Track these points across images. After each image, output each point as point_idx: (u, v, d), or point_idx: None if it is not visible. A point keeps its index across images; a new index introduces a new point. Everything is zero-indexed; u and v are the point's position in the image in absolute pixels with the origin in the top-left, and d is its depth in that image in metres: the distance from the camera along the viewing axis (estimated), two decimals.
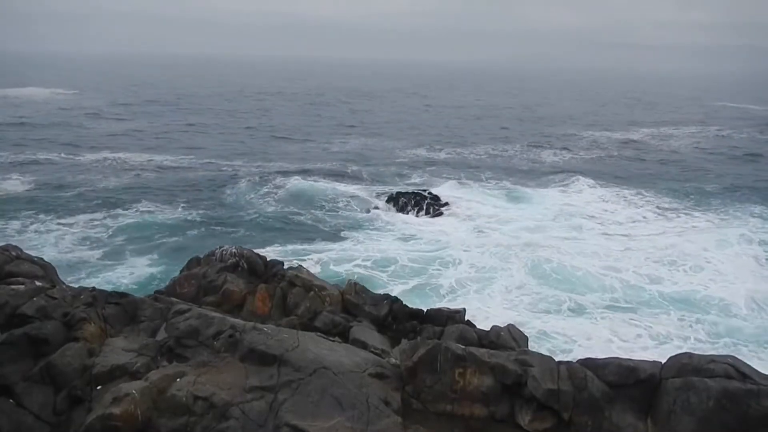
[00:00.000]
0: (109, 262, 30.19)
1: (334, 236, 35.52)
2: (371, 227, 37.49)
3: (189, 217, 38.38)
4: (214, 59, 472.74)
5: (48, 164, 53.00)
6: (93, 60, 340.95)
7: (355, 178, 51.66)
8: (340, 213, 40.96)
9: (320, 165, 56.86)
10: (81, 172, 50.24)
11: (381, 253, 31.88)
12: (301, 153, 63.83)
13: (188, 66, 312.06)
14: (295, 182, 48.56)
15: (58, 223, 35.81)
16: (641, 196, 47.05)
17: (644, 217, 41.17)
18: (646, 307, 26.20)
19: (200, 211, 39.58)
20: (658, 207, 43.86)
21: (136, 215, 38.07)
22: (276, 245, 33.09)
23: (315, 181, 49.49)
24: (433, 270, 29.88)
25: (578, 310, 25.66)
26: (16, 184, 45.11)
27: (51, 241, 32.80)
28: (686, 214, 42.20)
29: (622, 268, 30.13)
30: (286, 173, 51.94)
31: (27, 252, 16.28)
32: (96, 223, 36.44)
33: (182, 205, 41.18)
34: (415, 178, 52.41)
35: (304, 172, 52.59)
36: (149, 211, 38.97)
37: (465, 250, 32.65)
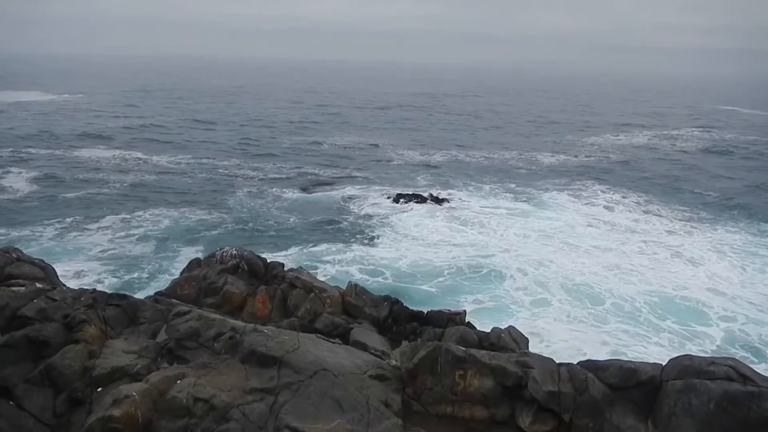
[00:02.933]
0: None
1: (351, 241, 35.03)
2: (383, 232, 37.03)
3: (214, 217, 38.82)
4: (215, 62, 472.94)
5: (56, 165, 53.78)
6: (97, 63, 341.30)
7: (358, 180, 51.66)
8: (351, 216, 40.55)
9: (327, 168, 56.92)
10: (102, 171, 51.24)
11: (402, 258, 31.74)
12: (308, 157, 63.61)
13: (190, 68, 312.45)
14: (300, 186, 48.63)
15: (92, 226, 36.28)
16: (665, 206, 45.49)
17: (674, 230, 39.43)
18: None
19: (222, 214, 39.66)
20: (681, 219, 42.06)
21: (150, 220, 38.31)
22: (283, 251, 32.99)
23: (324, 185, 49.47)
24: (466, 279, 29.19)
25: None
26: (21, 183, 46.19)
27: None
28: (711, 232, 39.53)
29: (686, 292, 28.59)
30: (288, 177, 52.04)
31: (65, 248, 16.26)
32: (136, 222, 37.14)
33: (203, 206, 41.47)
34: (418, 180, 52.42)
35: (309, 176, 52.56)
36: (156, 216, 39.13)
37: (505, 259, 31.75)
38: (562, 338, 23.54)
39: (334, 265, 30.80)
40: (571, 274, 30.27)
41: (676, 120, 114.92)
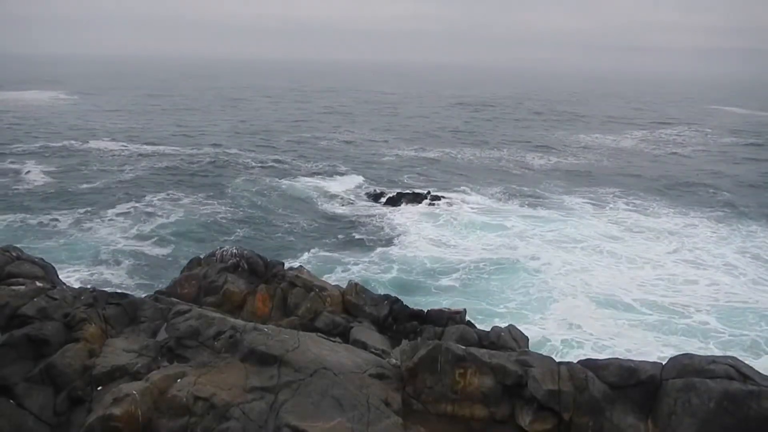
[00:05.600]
0: None
1: (362, 245, 34.15)
2: (389, 234, 36.28)
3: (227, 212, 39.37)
4: (217, 62, 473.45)
5: (69, 158, 54.85)
6: (96, 63, 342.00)
7: (355, 182, 51.51)
8: (352, 217, 40.14)
9: (329, 167, 56.89)
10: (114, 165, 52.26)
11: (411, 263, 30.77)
12: (306, 158, 63.22)
13: (191, 69, 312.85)
14: (294, 183, 48.56)
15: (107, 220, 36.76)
16: (692, 209, 43.45)
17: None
18: None
19: (226, 215, 39.50)
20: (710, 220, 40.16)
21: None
22: (295, 250, 32.73)
23: (328, 185, 49.24)
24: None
25: None
26: (37, 175, 47.60)
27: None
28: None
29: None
30: (281, 176, 51.97)
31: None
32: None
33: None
34: (415, 180, 52.25)
35: (307, 177, 52.53)
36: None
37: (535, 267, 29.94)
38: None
39: (345, 265, 30.41)
40: (608, 286, 28.21)
41: (679, 121, 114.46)
